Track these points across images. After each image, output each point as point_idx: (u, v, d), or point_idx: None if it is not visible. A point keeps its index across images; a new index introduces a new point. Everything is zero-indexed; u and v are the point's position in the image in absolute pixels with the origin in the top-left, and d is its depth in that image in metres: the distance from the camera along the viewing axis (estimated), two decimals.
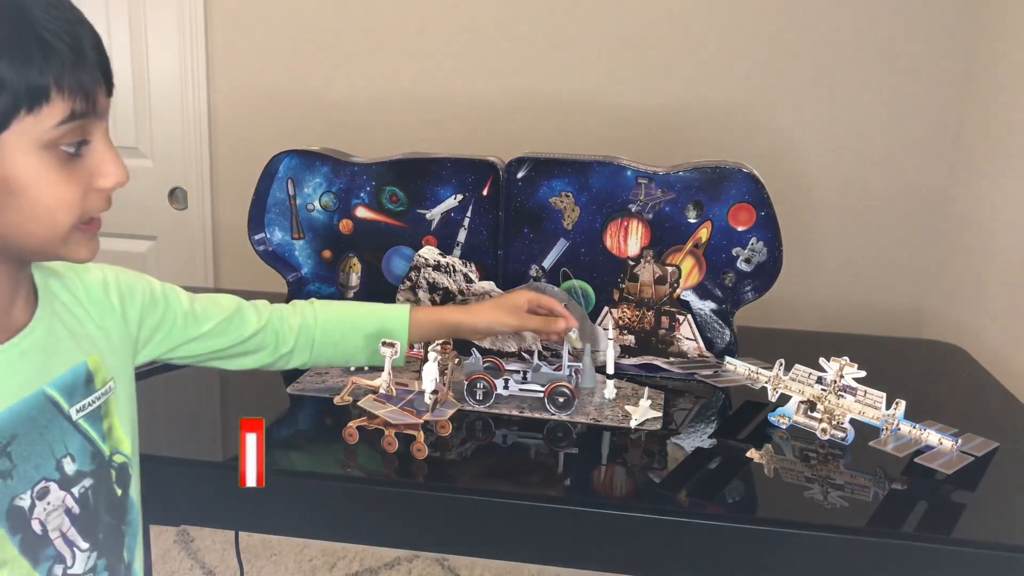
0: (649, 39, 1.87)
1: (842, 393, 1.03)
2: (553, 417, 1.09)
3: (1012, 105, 1.57)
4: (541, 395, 1.10)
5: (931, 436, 1.00)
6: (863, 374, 1.03)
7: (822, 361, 1.04)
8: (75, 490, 0.71)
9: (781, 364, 1.09)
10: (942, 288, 1.82)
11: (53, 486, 0.69)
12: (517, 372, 1.14)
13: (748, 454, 1.00)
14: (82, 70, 0.66)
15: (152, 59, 2.13)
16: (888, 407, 1.02)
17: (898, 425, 1.01)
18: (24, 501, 0.67)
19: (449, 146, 1.44)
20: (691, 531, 0.90)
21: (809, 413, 1.05)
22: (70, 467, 0.71)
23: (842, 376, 1.03)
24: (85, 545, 0.72)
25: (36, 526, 0.68)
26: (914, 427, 1.01)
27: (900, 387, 1.06)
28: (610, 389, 1.15)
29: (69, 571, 0.71)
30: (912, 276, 1.88)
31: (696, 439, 1.05)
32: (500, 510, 0.93)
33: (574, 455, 1.03)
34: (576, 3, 1.89)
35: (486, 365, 1.15)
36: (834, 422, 1.03)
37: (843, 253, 1.89)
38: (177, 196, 2.20)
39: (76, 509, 0.71)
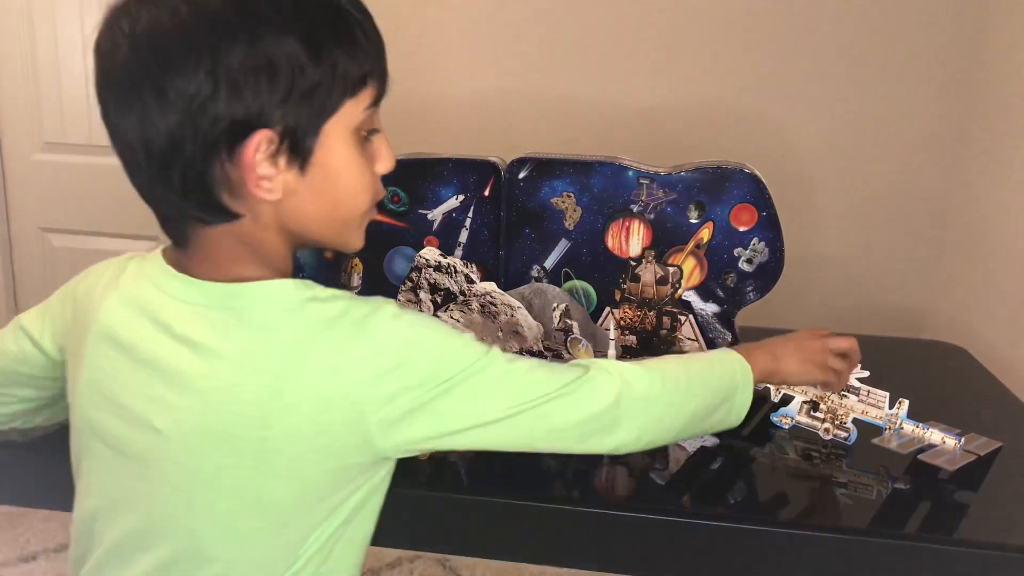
0: (651, 39, 1.87)
1: (845, 393, 1.03)
2: None
3: (1015, 105, 1.57)
4: None
5: (934, 435, 1.00)
6: (866, 374, 1.02)
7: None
8: None
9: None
10: (944, 288, 1.82)
11: None
12: None
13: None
14: (384, 57, 0.73)
15: None
16: (891, 407, 1.02)
17: (901, 424, 1.01)
18: None
19: (450, 146, 1.44)
20: (692, 531, 0.90)
21: (812, 413, 1.05)
22: None
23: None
24: None
25: None
26: (917, 426, 1.01)
27: (902, 387, 1.05)
28: None
29: None
30: (914, 276, 1.88)
31: (698, 440, 1.05)
32: (502, 510, 0.93)
33: (576, 456, 1.03)
34: (578, 3, 1.89)
35: None
36: (837, 422, 1.03)
37: (845, 253, 1.89)
38: None
39: None
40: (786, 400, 1.06)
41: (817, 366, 0.95)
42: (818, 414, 1.05)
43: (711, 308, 1.27)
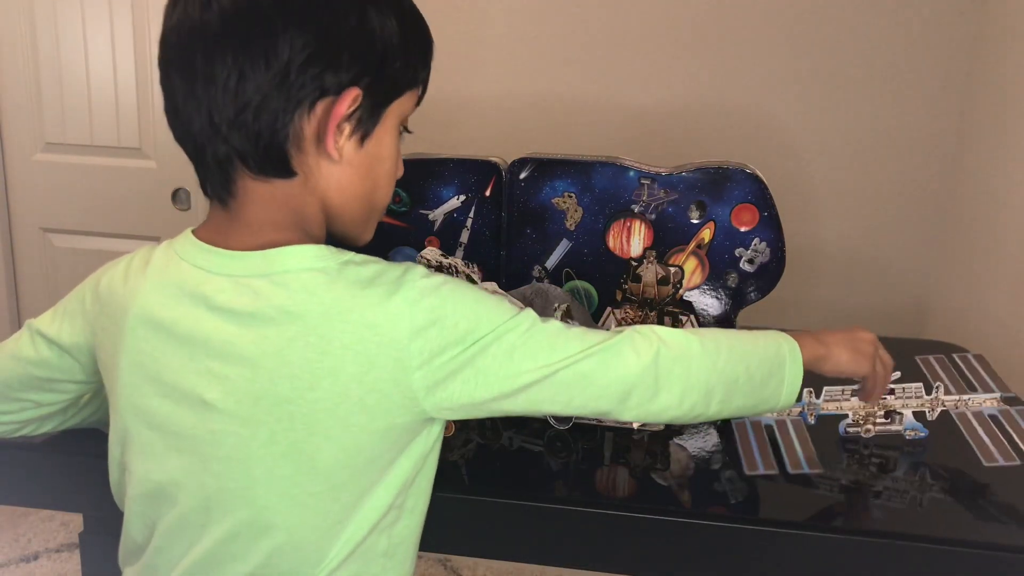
0: (652, 40, 1.87)
1: (884, 396, 1.03)
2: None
3: (1016, 104, 1.57)
4: None
5: (975, 400, 1.07)
6: (898, 374, 1.02)
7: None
8: None
9: (811, 392, 1.03)
10: (946, 288, 1.82)
11: None
12: None
13: None
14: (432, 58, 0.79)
15: (156, 61, 2.14)
16: (929, 393, 1.04)
17: (942, 404, 1.04)
18: None
19: (451, 147, 1.44)
20: (692, 531, 0.90)
21: (849, 428, 1.05)
22: None
23: None
24: None
25: None
26: (959, 399, 1.06)
27: None
28: None
29: None
30: (915, 276, 1.88)
31: (699, 440, 1.05)
32: (502, 510, 0.93)
33: (576, 456, 1.03)
34: (578, 4, 1.89)
35: None
36: (873, 420, 1.04)
37: (846, 253, 1.89)
38: (180, 197, 2.20)
39: None
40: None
41: (867, 357, 0.91)
42: (849, 420, 1.05)
43: (712, 308, 1.27)
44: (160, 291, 0.74)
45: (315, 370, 0.69)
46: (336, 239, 0.79)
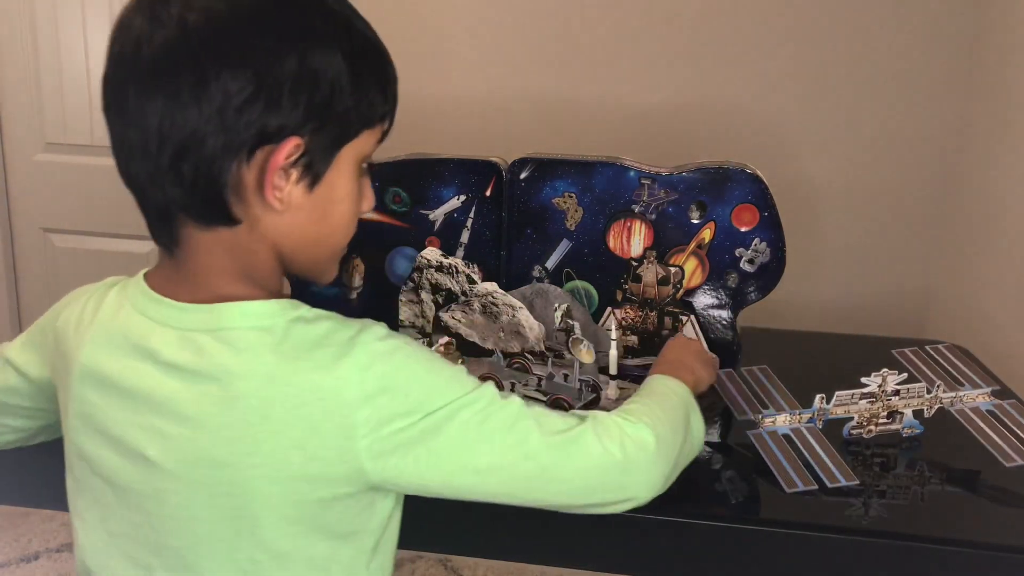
0: (652, 39, 1.87)
1: (890, 398, 1.04)
2: None
3: (1016, 104, 1.57)
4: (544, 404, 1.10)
5: (967, 396, 1.08)
6: (904, 376, 1.03)
7: (863, 379, 1.04)
8: None
9: (822, 398, 1.04)
10: (946, 288, 1.82)
11: None
12: (533, 377, 1.14)
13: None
14: (397, 98, 0.75)
15: None
16: (930, 392, 1.05)
17: (940, 402, 1.05)
18: None
19: (452, 147, 1.44)
20: (692, 531, 0.90)
21: (853, 430, 1.05)
22: None
23: (883, 387, 1.04)
24: None
25: None
26: (954, 395, 1.06)
27: None
28: (613, 389, 1.15)
29: None
30: (915, 276, 1.88)
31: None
32: (503, 511, 0.93)
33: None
34: (579, 4, 1.89)
35: (516, 366, 1.15)
36: (876, 421, 1.04)
37: (846, 254, 1.89)
38: None
39: None
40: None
41: (709, 364, 1.02)
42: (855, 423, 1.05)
43: (713, 308, 1.27)
44: (107, 341, 0.71)
45: (255, 434, 0.66)
46: (299, 277, 0.77)
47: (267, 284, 0.72)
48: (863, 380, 1.03)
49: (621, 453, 0.73)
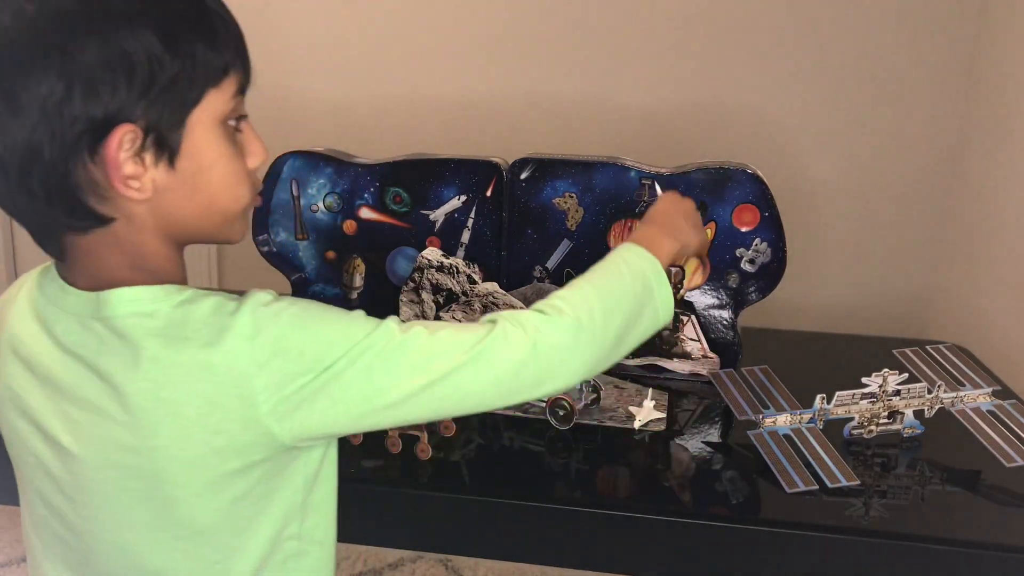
0: (653, 40, 1.87)
1: (890, 398, 1.04)
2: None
3: (1016, 104, 1.57)
4: (544, 404, 1.10)
5: (968, 396, 1.08)
6: (904, 377, 1.03)
7: (864, 379, 1.04)
8: None
9: (823, 398, 1.04)
10: (946, 288, 1.82)
11: None
12: None
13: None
14: (244, 46, 0.70)
15: None
16: (931, 392, 1.05)
17: (940, 402, 1.05)
18: None
19: (453, 147, 1.44)
20: (692, 531, 0.90)
21: (854, 431, 1.05)
22: None
23: (884, 387, 1.04)
24: None
25: None
26: (955, 396, 1.06)
27: None
28: (613, 389, 1.15)
29: None
30: (916, 277, 1.88)
31: (700, 440, 1.05)
32: (503, 511, 0.93)
33: (578, 456, 1.03)
34: (579, 4, 1.89)
35: None
36: (877, 421, 1.05)
37: (847, 254, 1.89)
38: None
39: None
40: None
41: (700, 228, 0.92)
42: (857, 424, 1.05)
43: (713, 309, 1.27)
44: (24, 325, 0.72)
45: (152, 418, 0.66)
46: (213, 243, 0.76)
47: (161, 268, 0.71)
48: (864, 380, 1.03)
49: (532, 354, 0.71)
